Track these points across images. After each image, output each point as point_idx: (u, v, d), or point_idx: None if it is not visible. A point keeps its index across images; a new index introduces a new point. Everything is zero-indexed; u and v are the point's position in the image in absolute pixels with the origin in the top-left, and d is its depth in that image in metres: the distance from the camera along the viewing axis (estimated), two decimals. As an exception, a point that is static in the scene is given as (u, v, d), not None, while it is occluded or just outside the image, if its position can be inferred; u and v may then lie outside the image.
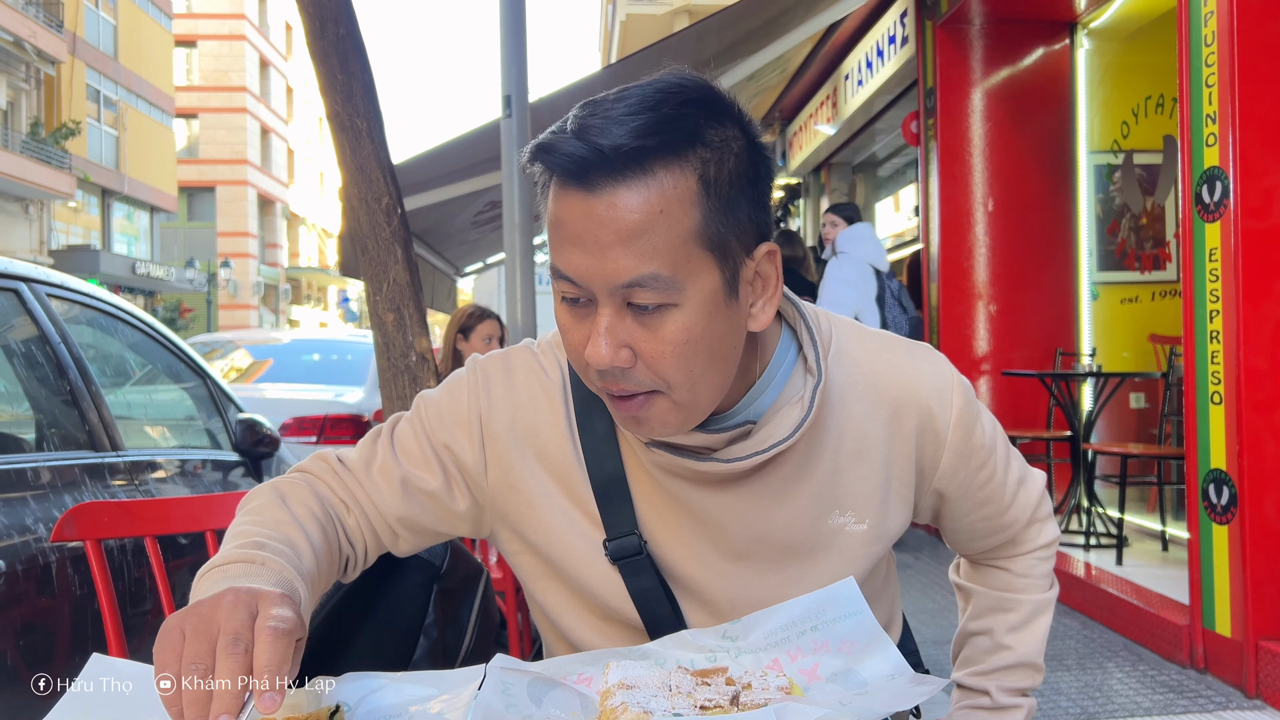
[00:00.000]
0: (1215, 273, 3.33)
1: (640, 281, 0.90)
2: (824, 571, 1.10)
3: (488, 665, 0.94)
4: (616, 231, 0.89)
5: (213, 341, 7.72)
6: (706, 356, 0.94)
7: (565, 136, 0.91)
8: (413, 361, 2.93)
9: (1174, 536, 4.93)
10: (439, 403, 1.14)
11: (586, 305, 0.94)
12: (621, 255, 0.89)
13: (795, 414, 1.03)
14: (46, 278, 2.60)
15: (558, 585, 1.13)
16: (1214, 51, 3.31)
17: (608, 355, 0.92)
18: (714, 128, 0.92)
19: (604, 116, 0.90)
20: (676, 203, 0.89)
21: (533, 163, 0.95)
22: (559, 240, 0.93)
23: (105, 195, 29.10)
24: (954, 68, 6.06)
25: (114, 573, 2.31)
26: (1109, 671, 3.57)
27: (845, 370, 1.10)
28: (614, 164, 0.88)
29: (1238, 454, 3.27)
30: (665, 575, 1.10)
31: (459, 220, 8.29)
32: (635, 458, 1.09)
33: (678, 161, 0.90)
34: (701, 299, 0.92)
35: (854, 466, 1.09)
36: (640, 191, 0.89)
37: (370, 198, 2.90)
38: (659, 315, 0.92)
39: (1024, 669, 1.21)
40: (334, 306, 51.03)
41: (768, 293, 0.99)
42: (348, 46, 2.91)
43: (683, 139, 0.90)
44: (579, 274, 0.92)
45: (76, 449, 2.44)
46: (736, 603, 1.10)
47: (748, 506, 1.07)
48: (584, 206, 0.90)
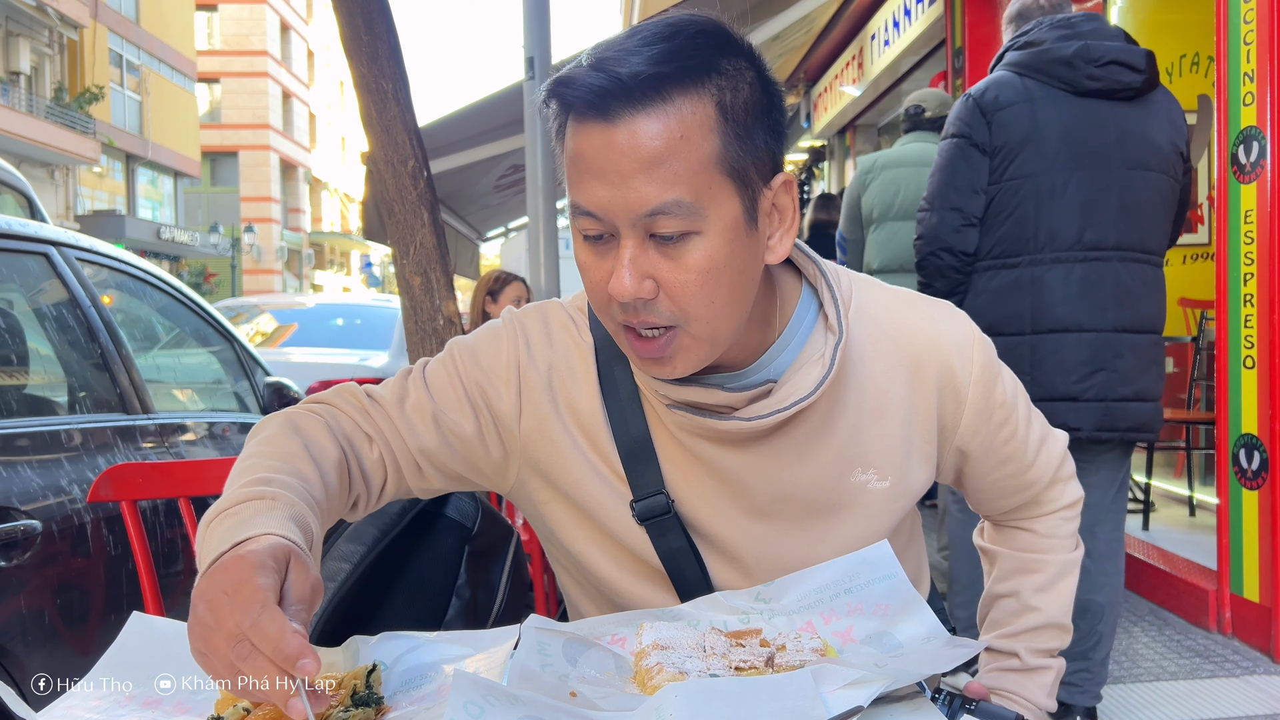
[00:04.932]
0: (1250, 235, 3.28)
1: (663, 209, 0.90)
2: (848, 529, 1.10)
3: (522, 625, 0.94)
4: (638, 159, 0.89)
5: (237, 306, 7.77)
6: (728, 287, 0.94)
7: (582, 69, 0.91)
8: (440, 325, 2.93)
9: (1201, 502, 4.90)
10: (475, 348, 1.13)
11: (608, 241, 0.94)
12: (644, 183, 0.89)
13: (816, 372, 1.04)
14: (76, 241, 2.61)
15: (588, 532, 1.13)
16: (1253, 7, 3.23)
17: (631, 286, 0.92)
18: (726, 58, 0.93)
19: (619, 49, 0.91)
20: (696, 128, 0.90)
21: (549, 99, 0.95)
22: (579, 175, 0.93)
23: (129, 160, 29.24)
24: (983, 26, 5.95)
25: (147, 532, 2.34)
26: (1135, 636, 3.56)
27: (866, 328, 1.10)
28: (633, 91, 0.89)
29: (1269, 418, 3.23)
30: (693, 533, 1.10)
31: (481, 185, 8.28)
32: (659, 420, 1.09)
33: (694, 88, 0.90)
34: (723, 226, 0.93)
35: (875, 424, 1.09)
36: (660, 118, 0.89)
37: (396, 160, 2.89)
38: (682, 244, 0.92)
39: (1052, 629, 1.21)
40: (357, 271, 51.23)
41: (785, 224, 1.00)
42: (372, 6, 2.89)
43: (698, 66, 0.91)
44: (601, 206, 0.92)
45: (108, 411, 2.47)
46: (762, 560, 1.10)
47: (770, 465, 1.07)
48: (604, 137, 0.90)
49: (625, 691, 0.91)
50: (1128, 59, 2.50)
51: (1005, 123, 2.55)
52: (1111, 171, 2.53)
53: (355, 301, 9.02)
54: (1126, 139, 2.53)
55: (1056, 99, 2.54)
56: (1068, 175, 2.52)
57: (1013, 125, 2.54)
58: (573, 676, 0.91)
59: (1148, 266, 2.62)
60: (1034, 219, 2.54)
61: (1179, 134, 2.59)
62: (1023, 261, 2.55)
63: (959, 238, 2.56)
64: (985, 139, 2.57)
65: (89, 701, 0.91)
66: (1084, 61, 2.50)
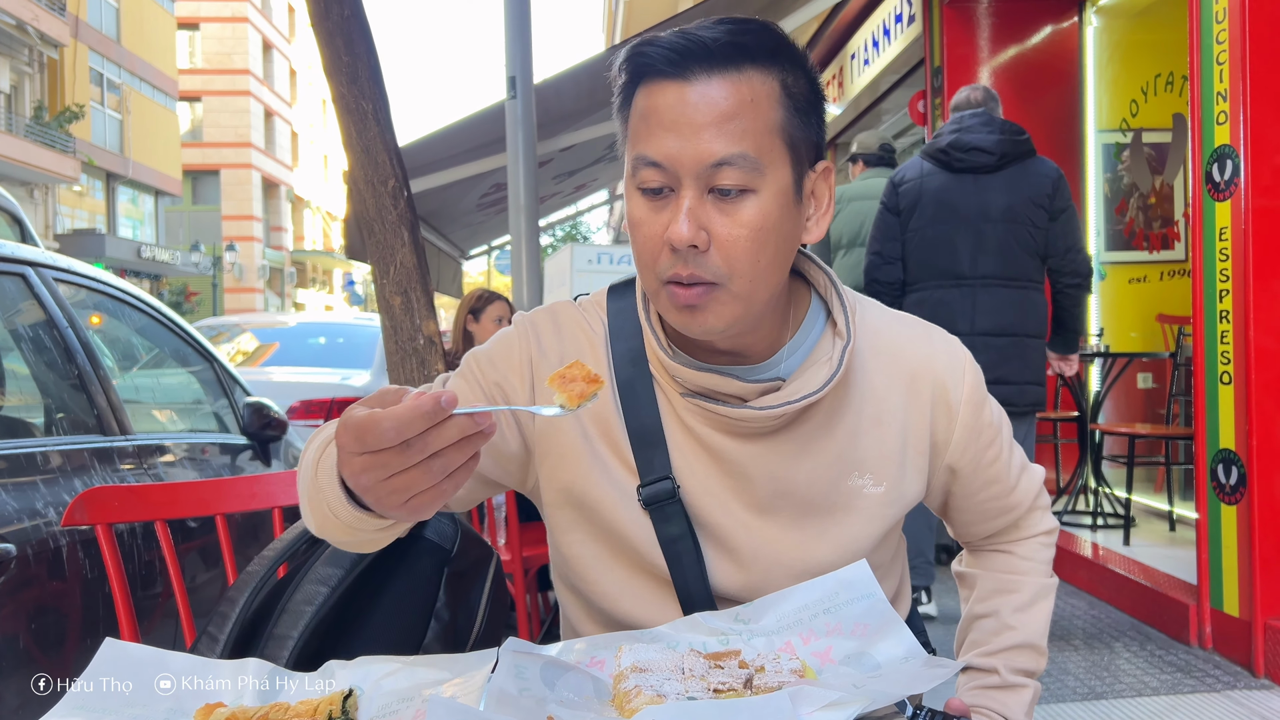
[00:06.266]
0: (1225, 252, 3.32)
1: (729, 159, 0.97)
2: (842, 531, 1.14)
3: (500, 649, 0.94)
4: (711, 114, 0.97)
5: (219, 325, 7.73)
6: (774, 250, 1.01)
7: (664, 35, 1.00)
8: (420, 344, 2.92)
9: (1181, 517, 4.93)
10: (490, 353, 1.19)
11: (666, 195, 1.00)
12: (714, 137, 0.97)
13: (824, 371, 1.10)
14: (53, 262, 2.59)
15: (588, 536, 1.17)
16: (1225, 28, 3.28)
17: (689, 234, 0.97)
18: (789, 52, 1.03)
19: (698, 25, 1.01)
20: (765, 98, 0.99)
21: (624, 65, 1.02)
22: (649, 129, 0.99)
23: (109, 179, 29.09)
24: (961, 46, 6.02)
25: (124, 555, 2.31)
26: (1116, 651, 3.57)
27: (868, 340, 1.16)
28: (713, 54, 0.97)
29: (1247, 434, 3.26)
30: (694, 523, 1.13)
31: (464, 203, 8.27)
32: (670, 408, 1.13)
33: (764, 67, 1.00)
34: (776, 189, 1.00)
35: (873, 430, 1.14)
36: (733, 83, 0.98)
37: (376, 180, 2.89)
38: (738, 201, 0.99)
39: (1029, 650, 1.22)
40: (339, 290, 51.05)
41: (821, 209, 1.08)
42: (353, 28, 2.89)
43: (768, 49, 1.00)
44: (669, 156, 0.98)
45: (85, 433, 2.44)
46: (759, 555, 1.13)
47: (773, 459, 1.12)
48: (678, 93, 0.98)
49: (603, 715, 0.91)
50: (985, 146, 3.63)
51: (905, 193, 3.75)
52: (975, 224, 3.63)
53: (337, 320, 8.98)
54: (986, 202, 3.63)
55: (939, 175, 3.71)
56: (945, 229, 3.66)
57: (909, 195, 3.74)
58: (550, 700, 0.91)
59: (1013, 290, 3.64)
60: (929, 258, 3.69)
61: (1037, 193, 3.61)
62: (926, 285, 3.69)
63: (882, 272, 3.77)
64: (894, 204, 3.78)
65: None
66: (955, 150, 3.67)
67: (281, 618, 1.24)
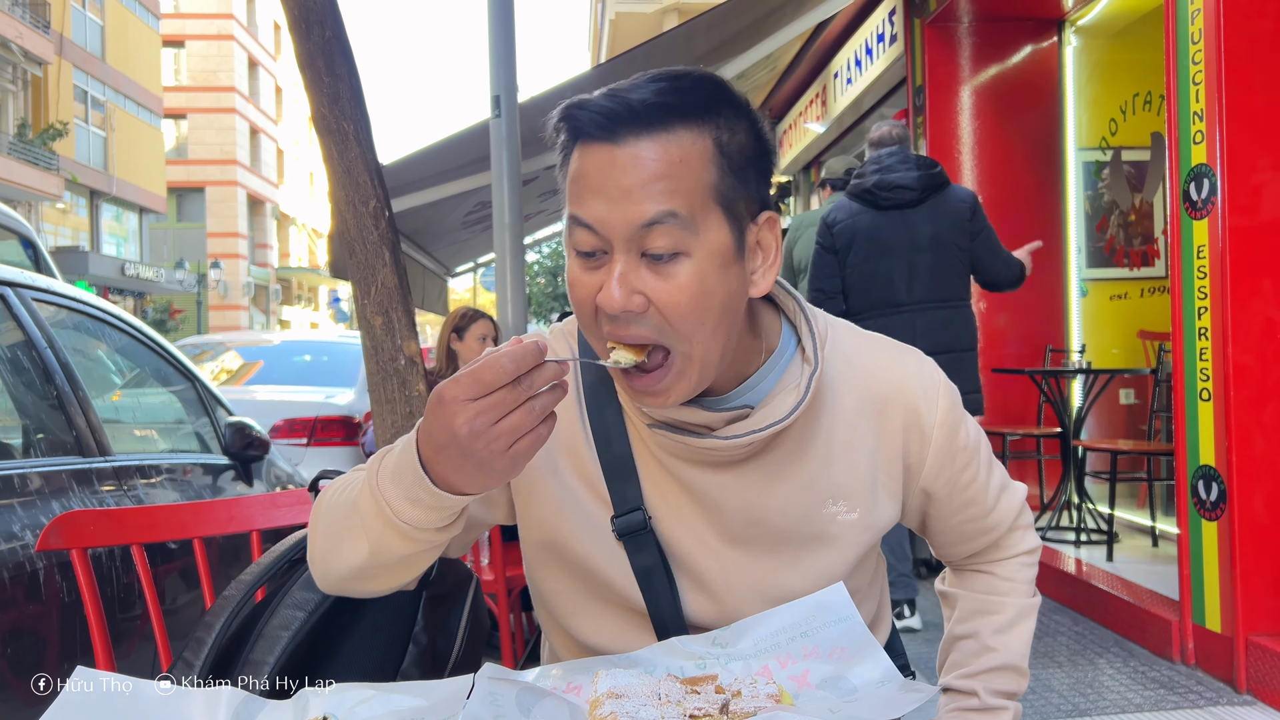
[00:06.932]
0: (1203, 270, 3.34)
1: (658, 219, 0.95)
2: (817, 558, 1.13)
3: (476, 675, 0.94)
4: (638, 176, 0.95)
5: (203, 344, 7.69)
6: (717, 310, 0.99)
7: (594, 97, 0.98)
8: (401, 365, 2.91)
9: (1164, 532, 4.95)
10: None
11: (600, 258, 0.99)
12: (642, 198, 0.95)
13: (792, 398, 1.08)
14: (32, 282, 2.58)
15: (560, 572, 1.16)
16: (1200, 49, 3.32)
17: (620, 299, 0.96)
18: (726, 106, 1.00)
19: (629, 84, 0.99)
20: (695, 157, 0.97)
21: (560, 122, 1.00)
22: (580, 192, 0.98)
23: (93, 196, 28.96)
24: (942, 65, 6.07)
25: (103, 577, 2.30)
26: (1100, 668, 3.58)
27: (839, 366, 1.15)
28: (640, 117, 0.96)
29: (1226, 450, 3.28)
30: (667, 554, 1.13)
31: (449, 221, 8.27)
32: (641, 440, 1.13)
33: (696, 124, 0.97)
34: (711, 250, 0.98)
35: (845, 457, 1.13)
36: (661, 144, 0.96)
37: (358, 201, 2.89)
38: (672, 264, 0.97)
39: (1010, 672, 1.22)
40: (324, 306, 50.90)
41: (768, 260, 1.06)
42: (334, 49, 2.90)
43: (699, 106, 0.98)
44: (598, 219, 0.96)
45: (64, 454, 2.43)
46: (732, 586, 1.12)
47: (744, 489, 1.11)
48: (608, 156, 0.96)
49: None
50: (905, 183, 4.00)
51: (839, 232, 4.12)
52: (905, 255, 4.00)
53: (321, 338, 8.96)
54: (914, 234, 4.00)
55: (867, 213, 4.08)
56: (881, 263, 4.03)
57: (843, 234, 4.10)
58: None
59: (947, 310, 4.03)
60: (868, 290, 4.06)
61: (958, 219, 4.00)
62: (870, 315, 4.01)
63: (826, 306, 4.01)
64: (830, 244, 4.13)
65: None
66: (880, 189, 4.03)
67: (258, 643, 1.23)
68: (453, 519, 0.95)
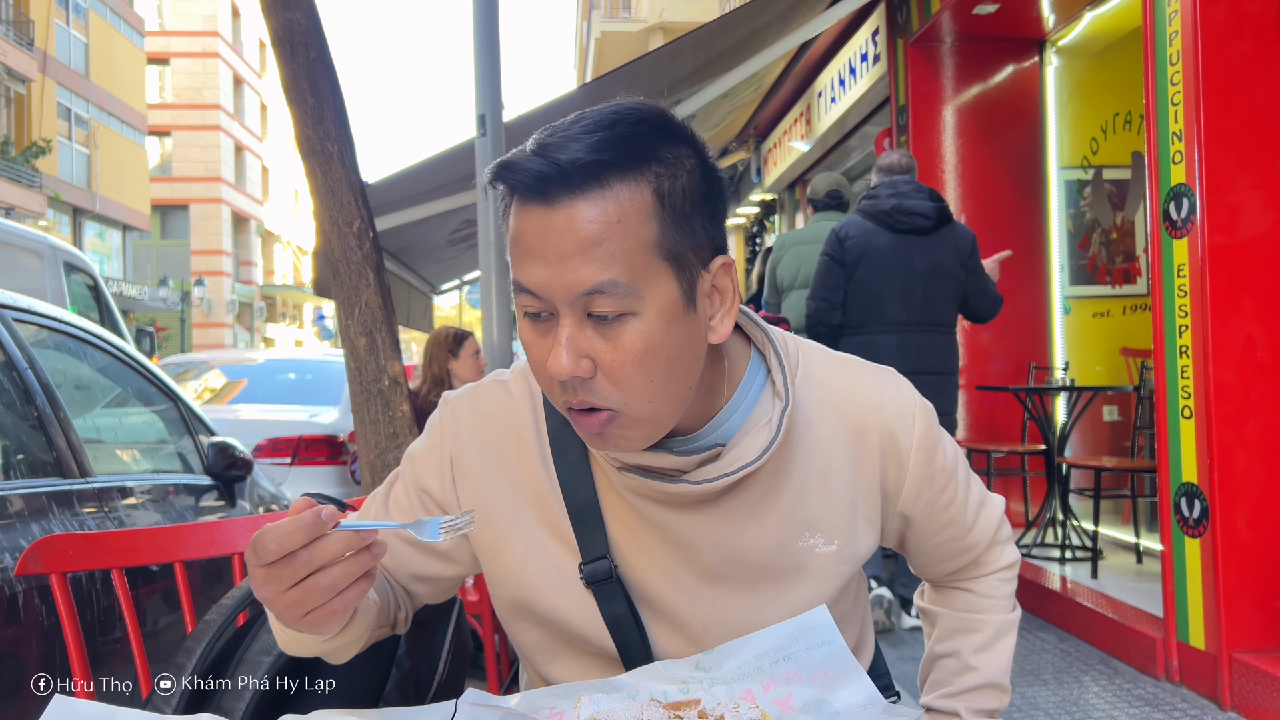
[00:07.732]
0: (1184, 288, 3.37)
1: (600, 288, 0.91)
2: (796, 593, 1.10)
3: (458, 701, 0.93)
4: (575, 241, 0.91)
5: (186, 362, 7.66)
6: (665, 366, 0.95)
7: (525, 155, 0.93)
8: (385, 385, 2.91)
9: (1148, 549, 4.97)
10: (414, 451, 1.18)
11: (548, 319, 0.95)
12: (581, 264, 0.91)
13: (763, 437, 1.05)
14: (11, 302, 2.56)
15: (530, 624, 1.14)
16: (1179, 70, 3.36)
17: (568, 365, 0.93)
18: (667, 146, 0.95)
19: (562, 136, 0.93)
20: (633, 214, 0.92)
21: (494, 182, 0.97)
22: (520, 254, 0.95)
23: (77, 214, 28.81)
24: (925, 85, 6.12)
25: (83, 600, 2.27)
26: (1085, 685, 3.58)
27: (812, 393, 1.12)
28: (571, 178, 0.91)
29: (1209, 467, 3.30)
30: (638, 599, 1.10)
31: (435, 239, 8.27)
32: (608, 482, 1.09)
33: (633, 176, 0.92)
34: (659, 308, 0.94)
35: (821, 488, 1.10)
36: (597, 204, 0.91)
37: (342, 222, 2.89)
38: (619, 325, 0.93)
39: (991, 690, 1.21)
40: (309, 324, 50.72)
41: (725, 305, 1.01)
42: (318, 71, 2.90)
43: (636, 154, 0.93)
44: (539, 285, 0.93)
45: (44, 476, 2.40)
46: (710, 626, 1.10)
47: (718, 527, 1.08)
48: (543, 219, 0.92)
49: (561, 768, 0.90)
50: (923, 211, 4.21)
51: (850, 247, 4.26)
52: (910, 278, 4.21)
53: (306, 356, 8.93)
54: (921, 259, 4.21)
55: (881, 234, 4.24)
56: (886, 281, 4.21)
57: (854, 250, 4.25)
58: (508, 754, 0.90)
59: (939, 334, 4.29)
60: (871, 306, 4.24)
61: (960, 252, 4.27)
62: (866, 330, 4.24)
63: (827, 316, 4.27)
64: (840, 257, 4.27)
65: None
66: (897, 213, 4.21)
67: (239, 668, 1.22)
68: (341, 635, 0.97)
